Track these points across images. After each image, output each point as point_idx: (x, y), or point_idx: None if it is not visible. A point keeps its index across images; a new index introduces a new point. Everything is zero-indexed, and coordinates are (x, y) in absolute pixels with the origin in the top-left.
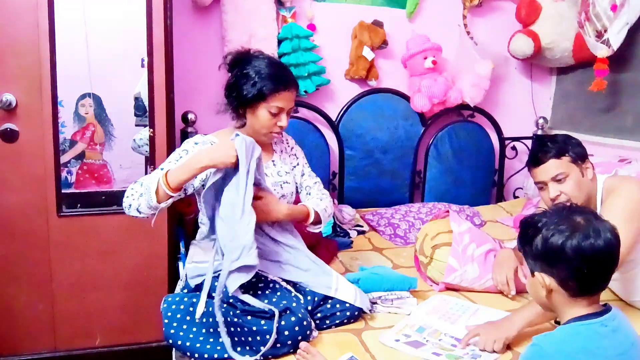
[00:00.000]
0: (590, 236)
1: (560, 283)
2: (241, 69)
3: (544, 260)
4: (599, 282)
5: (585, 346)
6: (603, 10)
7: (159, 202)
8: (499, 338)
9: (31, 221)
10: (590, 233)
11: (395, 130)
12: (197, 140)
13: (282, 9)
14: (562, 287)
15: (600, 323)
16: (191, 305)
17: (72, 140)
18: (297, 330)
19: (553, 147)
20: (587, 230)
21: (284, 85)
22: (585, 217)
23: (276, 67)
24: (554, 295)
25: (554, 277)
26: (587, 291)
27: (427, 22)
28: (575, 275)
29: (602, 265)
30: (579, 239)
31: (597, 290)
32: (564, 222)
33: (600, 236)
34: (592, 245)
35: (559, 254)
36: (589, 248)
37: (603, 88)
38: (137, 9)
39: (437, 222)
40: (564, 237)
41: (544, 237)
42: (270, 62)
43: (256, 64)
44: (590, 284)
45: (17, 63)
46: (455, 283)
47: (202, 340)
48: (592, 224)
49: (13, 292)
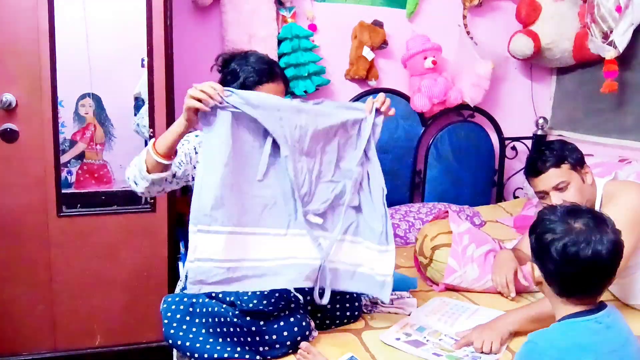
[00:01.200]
0: (580, 243)
1: (546, 279)
2: (229, 66)
3: (535, 252)
4: (585, 288)
5: (579, 342)
6: (608, 11)
7: (148, 172)
8: (495, 339)
9: (31, 221)
10: (581, 240)
11: (395, 130)
12: (197, 133)
13: (282, 9)
14: (548, 283)
15: (594, 320)
16: (191, 306)
17: (72, 140)
18: (297, 331)
19: (551, 156)
20: (579, 237)
21: (268, 77)
22: (585, 223)
23: (261, 61)
24: (544, 288)
25: (542, 270)
26: (571, 293)
27: (427, 22)
28: (559, 275)
29: (589, 273)
30: (566, 242)
31: (583, 294)
32: (561, 223)
33: (590, 246)
34: (576, 253)
35: (546, 251)
36: (573, 254)
37: (615, 89)
38: (137, 9)
39: (437, 223)
40: (553, 237)
41: (539, 231)
42: (257, 56)
43: (242, 60)
44: (575, 288)
45: (17, 63)
46: (455, 284)
47: (201, 340)
48: (587, 233)
49: (13, 292)
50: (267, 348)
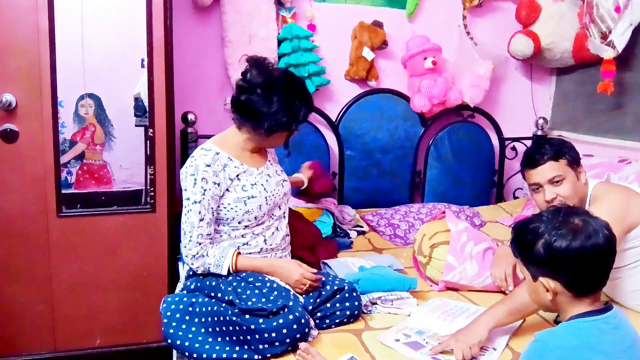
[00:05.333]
0: (592, 236)
1: (566, 285)
2: (263, 91)
3: (547, 265)
4: (601, 277)
5: (587, 342)
6: (607, 11)
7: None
8: (473, 344)
9: (31, 221)
10: (591, 233)
11: (395, 131)
12: (206, 162)
13: (282, 10)
14: (568, 289)
15: (602, 320)
16: (190, 305)
17: (72, 140)
18: (295, 329)
19: (550, 150)
20: (587, 230)
21: (300, 121)
22: (582, 218)
23: (297, 98)
24: (559, 297)
25: (559, 280)
26: (591, 289)
27: (427, 22)
28: (580, 275)
29: (604, 261)
30: (581, 240)
31: (600, 286)
32: (564, 226)
33: (599, 234)
34: (594, 245)
35: (564, 257)
36: (591, 248)
37: (611, 90)
38: (137, 9)
39: (434, 223)
40: (567, 241)
41: (546, 242)
42: (293, 91)
43: (278, 95)
44: (594, 282)
45: (17, 63)
46: (454, 281)
47: (200, 340)
48: (590, 224)
49: (13, 292)
50: (267, 345)
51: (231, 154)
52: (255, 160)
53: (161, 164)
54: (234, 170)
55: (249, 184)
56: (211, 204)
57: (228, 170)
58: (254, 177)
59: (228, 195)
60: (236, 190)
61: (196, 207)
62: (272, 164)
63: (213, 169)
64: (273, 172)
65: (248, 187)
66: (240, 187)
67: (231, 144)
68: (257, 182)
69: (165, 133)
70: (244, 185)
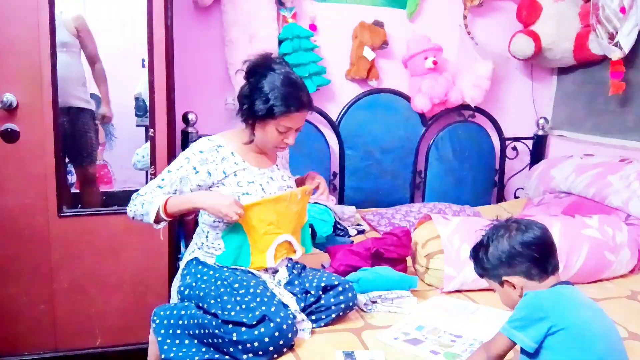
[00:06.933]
0: (527, 229)
1: (526, 276)
2: (257, 80)
3: (503, 265)
4: (552, 260)
5: (568, 295)
6: (613, 12)
7: (156, 222)
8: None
9: (32, 221)
10: (524, 227)
11: (395, 131)
12: (202, 148)
13: (282, 9)
14: (529, 278)
15: (574, 288)
16: (180, 318)
17: None
18: (277, 336)
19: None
20: (520, 226)
21: (296, 107)
22: (513, 220)
23: (292, 85)
24: (526, 289)
25: (519, 274)
26: (548, 271)
27: (428, 22)
28: (532, 263)
29: (547, 246)
30: (519, 233)
31: (555, 267)
32: (500, 229)
33: (533, 227)
34: (531, 235)
35: (511, 252)
36: (530, 237)
37: (622, 90)
38: (137, 9)
39: (424, 227)
40: (507, 238)
41: (493, 247)
42: (287, 78)
43: (272, 79)
44: (547, 264)
45: (17, 63)
46: (456, 289)
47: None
48: (522, 222)
49: (13, 292)
50: (251, 355)
51: (235, 149)
52: (260, 161)
53: (162, 164)
54: (233, 166)
55: (246, 181)
56: (177, 183)
57: (225, 164)
58: (252, 176)
59: (223, 189)
60: (231, 185)
61: (164, 174)
62: (280, 168)
63: (204, 157)
64: (278, 176)
65: (244, 184)
66: (235, 183)
67: (238, 141)
68: (256, 181)
69: (166, 133)
70: (239, 182)
